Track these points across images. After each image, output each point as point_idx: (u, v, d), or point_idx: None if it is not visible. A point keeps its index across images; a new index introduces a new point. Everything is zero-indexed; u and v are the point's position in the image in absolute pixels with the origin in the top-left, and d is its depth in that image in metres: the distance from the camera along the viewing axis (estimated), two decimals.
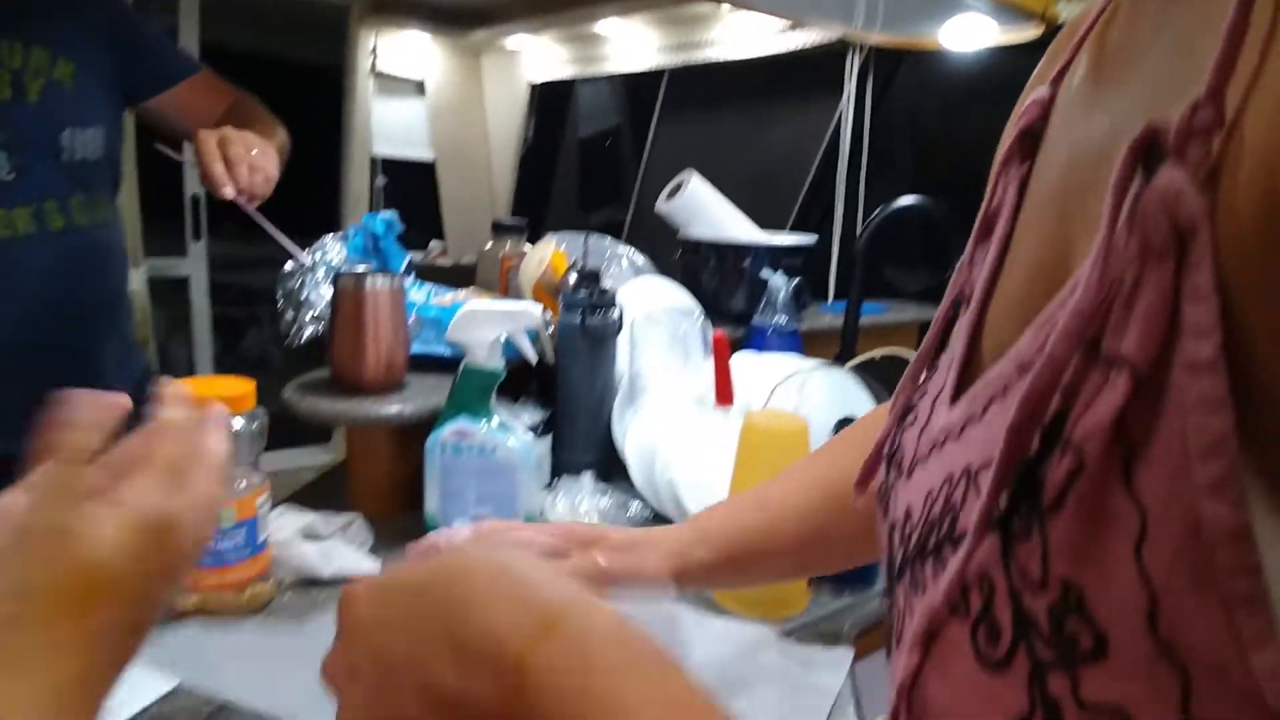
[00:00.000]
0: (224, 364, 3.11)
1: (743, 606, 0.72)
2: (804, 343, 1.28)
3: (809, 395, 0.91)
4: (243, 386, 0.66)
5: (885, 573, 0.33)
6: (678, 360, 0.98)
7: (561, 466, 0.96)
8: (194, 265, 2.90)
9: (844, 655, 0.63)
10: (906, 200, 1.26)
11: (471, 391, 0.78)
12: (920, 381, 0.36)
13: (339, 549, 0.76)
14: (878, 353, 1.23)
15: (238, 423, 0.65)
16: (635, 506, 0.87)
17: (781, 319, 1.24)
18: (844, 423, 0.91)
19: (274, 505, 0.80)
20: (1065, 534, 0.20)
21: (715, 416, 0.89)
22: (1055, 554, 0.20)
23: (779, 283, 1.25)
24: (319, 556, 0.73)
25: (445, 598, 0.28)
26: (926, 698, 0.25)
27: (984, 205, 0.34)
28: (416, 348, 0.92)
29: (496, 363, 0.79)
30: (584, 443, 0.97)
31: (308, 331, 0.91)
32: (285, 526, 0.75)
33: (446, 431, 0.78)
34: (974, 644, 0.23)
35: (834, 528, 0.52)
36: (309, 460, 3.03)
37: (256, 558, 0.67)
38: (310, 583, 0.73)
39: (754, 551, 0.54)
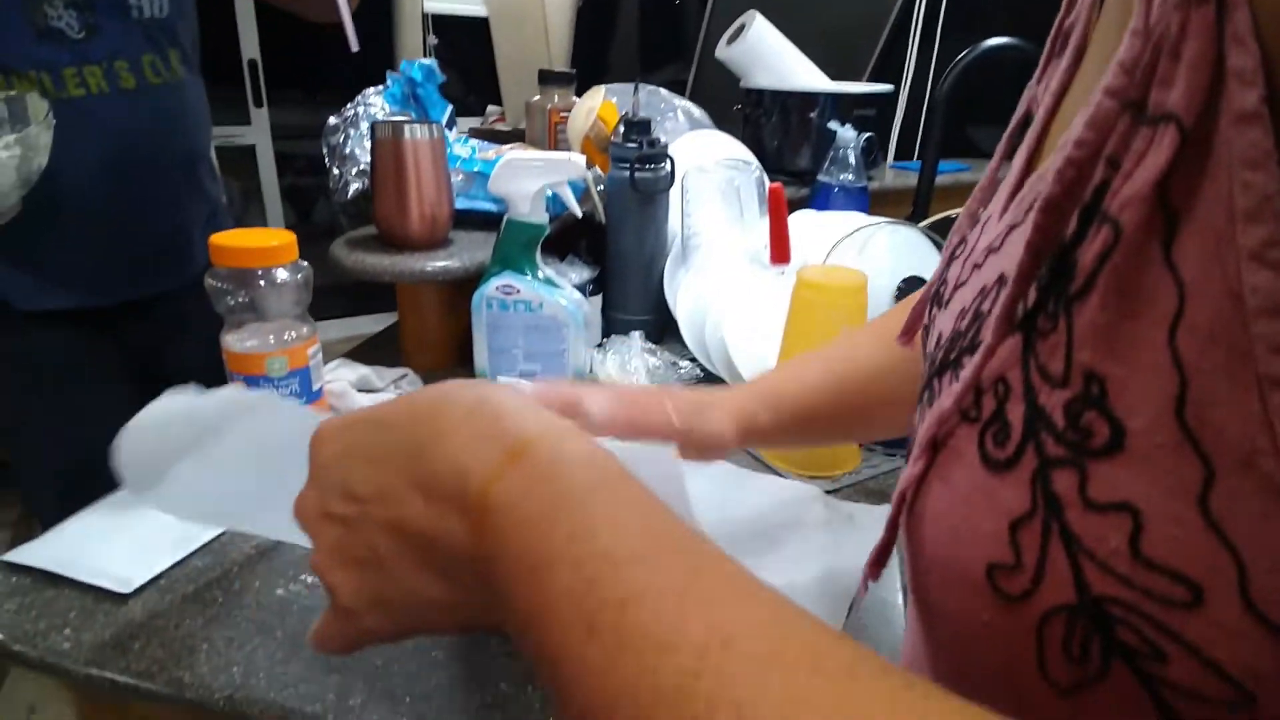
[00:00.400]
0: (297, 233, 3.18)
1: (792, 465, 0.71)
2: (873, 203, 1.21)
3: (872, 253, 0.86)
4: (283, 237, 0.65)
5: None
6: (732, 215, 0.93)
7: (612, 326, 0.95)
8: (258, 134, 2.92)
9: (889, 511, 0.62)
10: (997, 41, 1.13)
11: (515, 246, 0.76)
12: (977, 212, 0.33)
13: None
14: (954, 212, 1.15)
15: (281, 274, 0.65)
16: (686, 366, 0.86)
17: (849, 176, 1.16)
18: (910, 281, 0.85)
19: (330, 360, 0.81)
20: (1093, 319, 0.18)
21: (770, 274, 0.85)
22: (1080, 343, 0.19)
23: (848, 136, 1.16)
24: None
25: (414, 432, 0.26)
26: (926, 505, 0.23)
27: (1059, 17, 0.29)
28: (463, 203, 0.90)
29: (540, 216, 0.76)
30: (635, 302, 0.95)
31: (353, 187, 0.89)
32: (340, 379, 0.76)
33: (491, 287, 0.77)
34: (980, 448, 0.21)
35: (904, 389, 0.49)
36: (379, 327, 3.14)
37: (312, 406, 0.69)
38: None
39: (820, 415, 0.52)
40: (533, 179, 0.74)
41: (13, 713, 1.46)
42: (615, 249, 0.93)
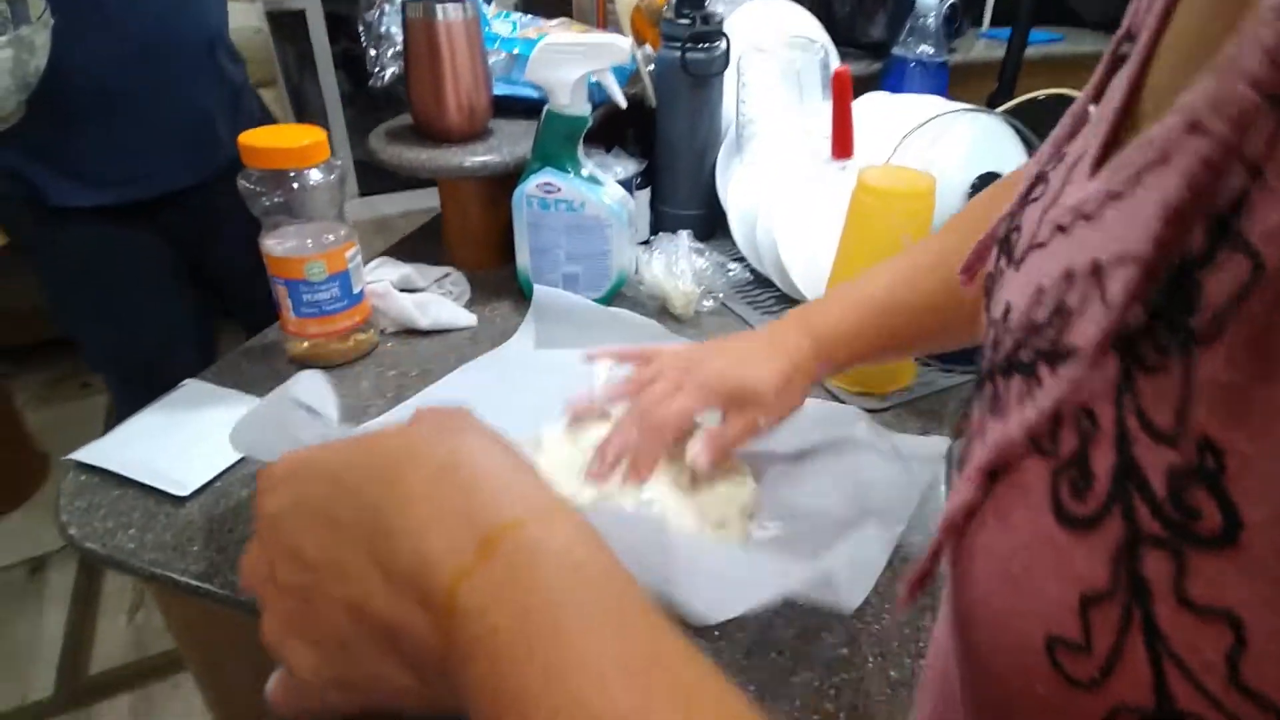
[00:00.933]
0: (354, 103, 3.13)
1: (840, 380, 0.68)
2: (954, 79, 1.09)
3: (947, 146, 0.78)
4: (314, 134, 0.63)
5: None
6: (791, 101, 0.85)
7: (660, 220, 0.91)
8: None
9: (939, 444, 0.59)
10: None
11: (556, 140, 0.72)
12: (1064, 144, 0.28)
13: (435, 301, 0.76)
14: (1042, 93, 1.03)
15: (314, 175, 0.63)
16: (734, 268, 0.82)
17: (928, 48, 1.05)
18: (986, 178, 0.78)
19: (372, 259, 0.80)
20: (1217, 374, 0.15)
21: (830, 170, 0.78)
22: (1199, 399, 0.15)
23: (929, 2, 1.03)
24: (415, 307, 0.74)
25: (372, 495, 0.23)
26: (977, 541, 0.21)
27: None
28: (503, 89, 0.84)
29: (581, 107, 0.71)
30: (684, 196, 0.90)
31: (390, 71, 0.85)
32: (382, 279, 0.76)
33: (532, 185, 0.73)
34: (1053, 492, 0.18)
35: (961, 320, 0.47)
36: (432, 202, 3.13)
37: (355, 308, 0.69)
38: (411, 332, 0.75)
39: (873, 355, 0.53)
40: (572, 66, 0.69)
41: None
42: (664, 137, 0.87)
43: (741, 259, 0.84)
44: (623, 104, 0.72)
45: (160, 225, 0.96)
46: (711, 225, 0.92)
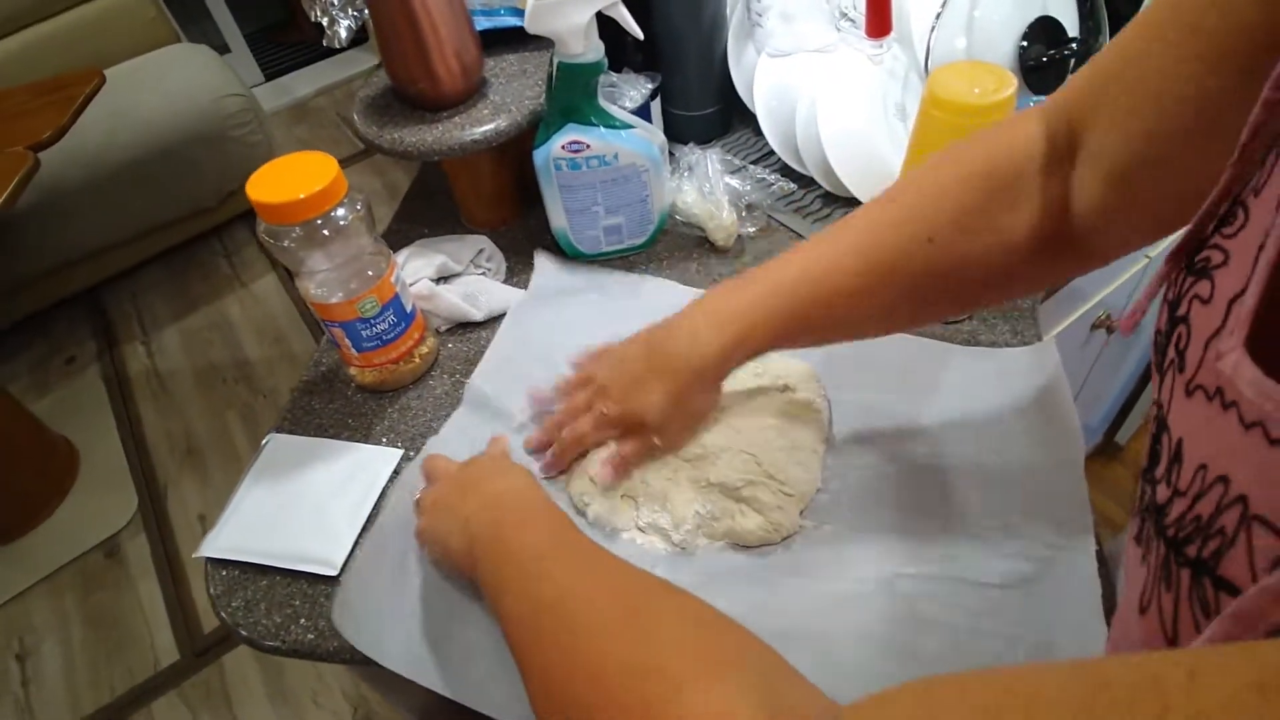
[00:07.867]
0: None
1: None
2: None
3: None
4: (326, 170, 0.56)
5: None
6: None
7: (674, 126, 0.84)
8: None
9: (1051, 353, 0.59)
10: None
11: (575, 93, 0.64)
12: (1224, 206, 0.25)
13: (481, 286, 0.73)
14: None
15: (340, 213, 0.57)
16: (776, 181, 0.77)
17: None
18: (1038, 28, 0.71)
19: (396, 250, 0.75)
20: None
21: (867, 48, 0.71)
22: None
23: None
24: (465, 300, 0.71)
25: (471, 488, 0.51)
26: None
27: None
28: (483, 23, 0.74)
29: (596, 50, 0.63)
30: (696, 95, 0.82)
31: (344, 25, 0.73)
32: (420, 276, 0.71)
33: (556, 146, 0.66)
34: None
35: (875, 309, 0.47)
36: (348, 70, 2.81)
37: (413, 326, 0.66)
38: (465, 324, 0.72)
39: (794, 340, 0.50)
40: (580, 7, 0.60)
41: None
42: (667, 31, 0.78)
43: (778, 163, 0.79)
44: (639, 35, 0.63)
45: None
46: (728, 119, 0.85)
